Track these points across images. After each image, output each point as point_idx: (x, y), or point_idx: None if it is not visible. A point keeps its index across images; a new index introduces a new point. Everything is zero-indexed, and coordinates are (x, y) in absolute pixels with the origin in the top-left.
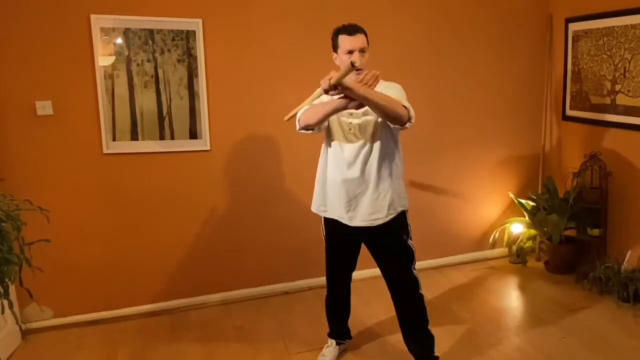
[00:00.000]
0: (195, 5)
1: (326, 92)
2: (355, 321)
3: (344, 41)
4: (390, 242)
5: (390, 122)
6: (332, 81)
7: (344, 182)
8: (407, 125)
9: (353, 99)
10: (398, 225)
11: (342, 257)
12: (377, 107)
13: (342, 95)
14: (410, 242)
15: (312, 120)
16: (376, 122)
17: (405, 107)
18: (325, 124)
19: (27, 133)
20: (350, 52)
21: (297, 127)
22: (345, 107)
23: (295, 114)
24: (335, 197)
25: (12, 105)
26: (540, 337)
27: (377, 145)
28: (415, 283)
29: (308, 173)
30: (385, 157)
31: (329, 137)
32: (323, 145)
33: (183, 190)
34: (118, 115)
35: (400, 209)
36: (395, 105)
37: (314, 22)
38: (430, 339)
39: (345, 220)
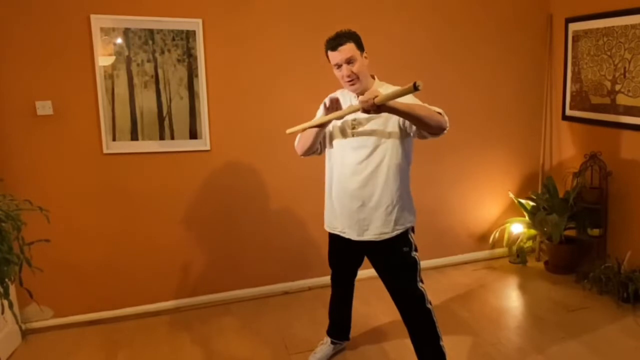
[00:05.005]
0: (195, 5)
1: (366, 111)
2: (355, 321)
3: (330, 57)
4: (392, 256)
5: (431, 132)
6: (377, 100)
7: (350, 197)
8: (445, 131)
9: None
10: (400, 241)
11: (345, 267)
12: (419, 121)
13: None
14: (414, 254)
15: (307, 144)
16: (383, 132)
17: (440, 113)
18: (317, 146)
19: (27, 133)
20: (338, 65)
21: (299, 153)
22: (329, 121)
23: (297, 131)
24: (344, 212)
25: (12, 105)
26: (540, 337)
27: (385, 155)
28: (421, 298)
29: (307, 173)
30: (394, 168)
31: (331, 147)
32: (326, 156)
33: (183, 190)
34: (118, 115)
35: (408, 225)
36: (434, 113)
37: (314, 21)
38: (439, 356)
39: (354, 236)
